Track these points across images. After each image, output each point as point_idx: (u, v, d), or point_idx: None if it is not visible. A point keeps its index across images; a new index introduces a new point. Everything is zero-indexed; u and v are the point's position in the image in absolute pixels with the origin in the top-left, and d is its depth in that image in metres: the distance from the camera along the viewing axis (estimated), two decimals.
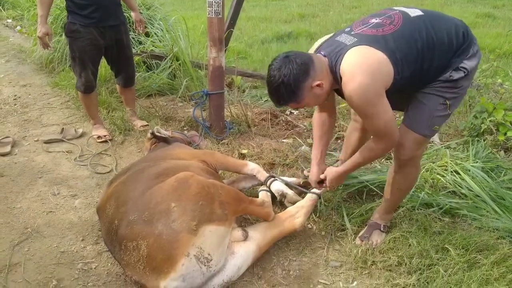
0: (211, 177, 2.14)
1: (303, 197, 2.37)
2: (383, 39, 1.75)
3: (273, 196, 2.46)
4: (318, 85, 1.79)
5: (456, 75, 1.81)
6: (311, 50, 1.98)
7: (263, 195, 2.38)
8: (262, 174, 2.54)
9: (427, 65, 1.80)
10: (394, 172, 2.10)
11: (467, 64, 1.81)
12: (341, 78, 1.77)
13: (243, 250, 1.96)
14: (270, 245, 2.13)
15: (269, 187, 2.47)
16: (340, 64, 1.75)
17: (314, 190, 2.37)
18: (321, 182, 2.30)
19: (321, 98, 1.89)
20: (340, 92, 1.89)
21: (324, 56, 1.84)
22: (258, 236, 2.05)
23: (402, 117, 2.03)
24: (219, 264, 1.82)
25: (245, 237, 1.99)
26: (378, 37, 1.76)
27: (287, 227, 2.18)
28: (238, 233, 1.98)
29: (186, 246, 1.72)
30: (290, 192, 2.43)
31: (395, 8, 1.91)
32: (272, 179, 2.50)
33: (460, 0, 11.38)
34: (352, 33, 1.82)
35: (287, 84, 1.74)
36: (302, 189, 2.46)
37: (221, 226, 1.83)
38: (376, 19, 1.84)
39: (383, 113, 1.76)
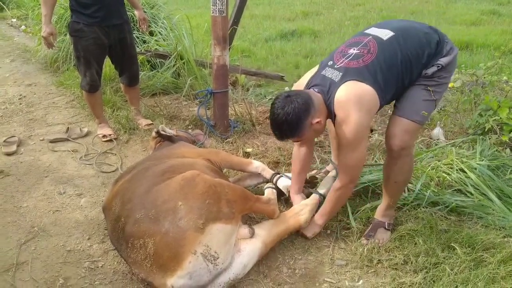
0: (216, 176, 2.15)
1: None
2: (366, 70, 1.91)
3: (279, 193, 2.47)
4: (317, 122, 1.95)
5: (430, 70, 1.96)
6: (301, 84, 2.15)
7: (269, 193, 2.39)
8: (267, 172, 2.54)
9: (408, 80, 1.99)
10: (389, 166, 2.15)
11: (442, 60, 1.97)
12: (335, 114, 1.94)
13: (249, 247, 1.96)
14: (275, 242, 2.14)
15: (275, 184, 2.48)
16: (333, 102, 1.91)
17: (318, 190, 2.42)
18: None
19: (319, 132, 2.08)
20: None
21: (318, 92, 1.99)
22: (264, 233, 2.06)
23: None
24: (225, 262, 1.83)
25: (252, 235, 2.00)
26: (361, 69, 1.91)
27: (292, 224, 2.19)
28: (244, 230, 1.99)
29: (193, 244, 1.72)
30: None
31: (367, 33, 2.06)
32: (278, 175, 2.51)
33: None
34: (335, 66, 1.98)
35: (290, 122, 1.90)
36: (310, 190, 2.49)
37: (228, 224, 1.83)
38: (354, 50, 1.99)
39: (362, 150, 1.97)
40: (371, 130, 3.64)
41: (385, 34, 2.00)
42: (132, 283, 2.01)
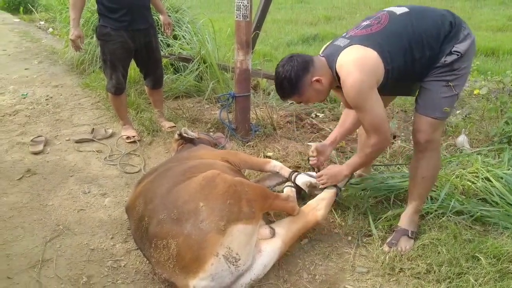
0: (236, 175, 2.16)
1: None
2: (372, 37, 1.97)
3: (298, 191, 2.48)
4: (317, 80, 2.04)
5: (449, 58, 1.96)
6: None
7: (288, 190, 2.40)
8: (285, 170, 2.55)
9: (419, 55, 1.98)
10: (416, 161, 2.18)
11: (459, 47, 1.96)
12: (338, 76, 1.99)
13: (270, 247, 1.97)
14: (294, 239, 2.13)
15: (294, 181, 2.48)
16: (336, 63, 1.98)
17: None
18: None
19: (322, 94, 2.13)
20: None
21: (323, 56, 2.10)
22: (283, 231, 2.05)
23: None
24: (247, 263, 1.84)
25: (273, 235, 2.00)
26: (368, 36, 1.99)
27: (310, 220, 2.17)
28: (265, 231, 1.99)
29: (214, 246, 1.74)
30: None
31: (385, 9, 2.13)
32: (297, 173, 2.51)
33: (492, 2, 11.09)
34: (346, 36, 2.08)
35: (289, 78, 2.02)
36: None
37: (249, 225, 1.84)
38: (366, 22, 2.08)
39: (374, 107, 1.96)
40: (394, 137, 3.60)
41: (400, 10, 2.06)
42: (154, 283, 2.04)
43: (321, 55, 2.12)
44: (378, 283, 2.03)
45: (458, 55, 1.95)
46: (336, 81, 2.06)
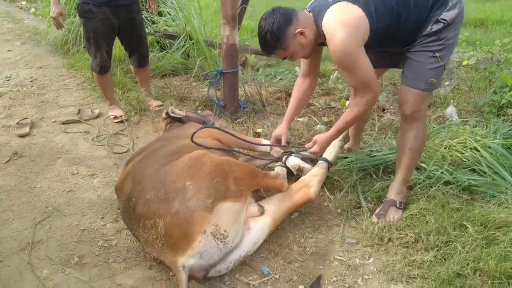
0: (224, 155, 2.15)
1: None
2: None
3: (289, 172, 2.46)
4: (300, 33, 1.99)
5: (436, 27, 1.93)
6: None
7: (278, 169, 2.39)
8: (277, 151, 2.53)
9: (404, 19, 1.94)
10: (403, 132, 2.18)
11: (446, 15, 1.92)
12: (324, 34, 1.94)
13: (259, 224, 1.97)
14: (285, 216, 2.13)
15: (284, 163, 2.47)
16: (322, 20, 1.93)
17: (325, 157, 2.39)
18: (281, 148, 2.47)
19: (307, 47, 2.07)
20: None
21: (309, 11, 2.04)
22: (273, 208, 2.05)
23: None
24: (235, 240, 1.84)
25: (261, 212, 2.00)
26: None
27: (302, 197, 2.15)
28: (254, 208, 1.99)
29: (202, 223, 1.74)
30: (307, 166, 2.43)
31: None
32: (287, 155, 2.50)
33: None
34: None
35: (272, 32, 1.97)
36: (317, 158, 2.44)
37: (237, 202, 1.84)
38: None
39: (362, 66, 1.93)
40: (383, 110, 3.60)
41: None
42: (145, 260, 2.05)
43: (308, 9, 2.06)
44: (367, 253, 2.05)
45: (444, 23, 1.92)
46: (321, 37, 2.02)
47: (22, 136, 3.35)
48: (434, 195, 2.26)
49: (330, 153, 2.45)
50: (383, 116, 3.46)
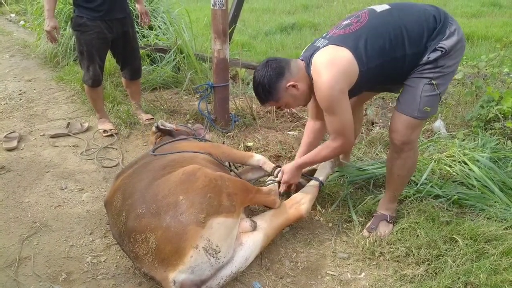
0: (217, 169, 2.15)
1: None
2: (349, 37, 1.90)
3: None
4: (292, 86, 1.98)
5: (433, 55, 1.88)
6: None
7: (271, 186, 2.39)
8: (269, 165, 2.53)
9: (401, 53, 1.90)
10: (392, 160, 2.14)
11: (445, 43, 1.87)
12: (311, 76, 1.94)
13: (251, 240, 1.97)
14: (277, 233, 2.14)
15: (276, 177, 2.47)
16: (311, 65, 1.93)
17: (317, 176, 2.41)
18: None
19: (300, 98, 2.06)
20: None
21: (302, 60, 2.03)
22: (265, 225, 2.05)
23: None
24: (227, 255, 1.83)
25: (254, 228, 1.99)
26: (345, 36, 1.91)
27: (293, 214, 2.18)
28: (246, 224, 1.99)
29: (194, 238, 1.72)
30: (300, 180, 2.43)
31: (366, 8, 2.04)
32: (279, 168, 2.50)
33: None
34: (326, 37, 2.00)
35: (263, 85, 1.98)
36: (308, 176, 2.47)
37: (229, 218, 1.83)
38: (347, 21, 2.01)
39: (341, 112, 1.91)
40: (372, 123, 3.63)
41: (381, 7, 1.99)
42: (135, 277, 2.02)
43: (301, 57, 2.05)
44: (359, 268, 2.05)
45: (442, 51, 1.86)
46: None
47: (9, 150, 3.31)
48: (424, 209, 2.28)
49: (321, 173, 2.47)
50: (372, 130, 3.48)
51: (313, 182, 2.37)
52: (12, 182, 2.86)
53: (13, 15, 9.79)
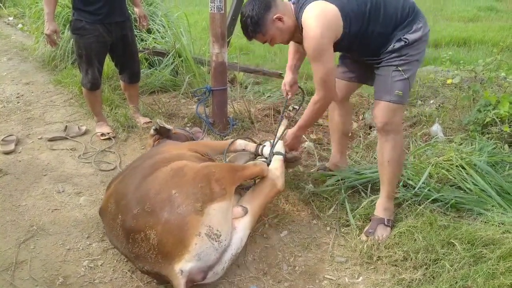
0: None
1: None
2: None
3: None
4: (279, 19, 2.11)
5: (398, 44, 2.10)
6: None
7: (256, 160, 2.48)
8: (251, 146, 2.63)
9: (372, 28, 2.10)
10: (380, 145, 2.28)
11: (409, 36, 2.09)
12: (301, 28, 2.09)
13: (242, 223, 2.02)
14: (261, 211, 2.22)
15: (262, 154, 2.54)
16: (302, 15, 2.06)
17: (277, 151, 2.46)
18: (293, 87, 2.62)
19: (285, 34, 2.18)
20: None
21: (293, 3, 2.17)
22: (249, 206, 2.11)
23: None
24: (228, 238, 1.89)
25: (245, 212, 2.05)
26: None
27: (272, 191, 2.24)
28: (238, 209, 2.05)
29: (196, 226, 1.78)
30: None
31: None
32: (262, 145, 2.57)
33: None
34: None
35: (251, 17, 2.10)
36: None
37: (223, 201, 1.90)
38: None
39: (326, 62, 2.06)
40: (370, 127, 3.63)
41: None
42: (132, 281, 2.01)
43: (292, 0, 2.18)
44: (357, 272, 2.05)
45: (405, 42, 2.07)
46: (299, 30, 2.13)
47: (7, 153, 3.30)
48: (422, 212, 2.28)
49: (280, 146, 2.51)
50: (370, 134, 3.49)
51: (276, 157, 2.42)
52: (9, 185, 2.85)
53: (11, 18, 9.78)
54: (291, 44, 2.53)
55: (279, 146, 2.50)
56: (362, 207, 2.42)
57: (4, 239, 2.30)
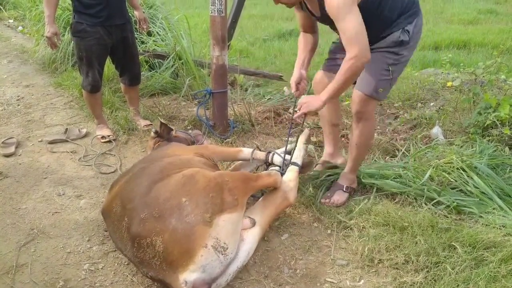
0: (213, 170, 2.19)
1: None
2: None
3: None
4: None
5: (403, 37, 2.16)
6: None
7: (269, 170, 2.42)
8: (260, 154, 2.58)
9: (382, 8, 2.13)
10: (352, 129, 2.43)
11: (409, 28, 2.16)
12: None
13: (250, 234, 2.00)
14: (271, 223, 2.21)
15: (272, 162, 2.52)
16: None
17: (294, 161, 2.41)
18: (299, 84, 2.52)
19: None
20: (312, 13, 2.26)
21: None
22: (258, 218, 2.09)
23: None
24: (234, 251, 1.86)
25: (253, 224, 2.03)
26: None
27: (282, 203, 2.21)
28: (246, 220, 2.02)
29: (203, 237, 1.75)
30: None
31: None
32: (271, 153, 2.54)
33: None
34: None
35: None
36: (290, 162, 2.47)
37: (234, 213, 1.87)
38: None
39: (354, 19, 1.98)
40: None
41: None
42: (133, 284, 2.00)
43: None
44: (358, 275, 2.05)
45: (408, 32, 2.15)
46: None
47: (7, 156, 3.30)
48: (423, 215, 2.28)
49: (298, 156, 2.46)
50: None
51: (292, 168, 2.37)
52: (10, 188, 2.85)
53: (11, 21, 9.79)
54: (301, 36, 2.55)
55: (297, 156, 2.44)
56: (361, 208, 2.41)
57: (4, 242, 2.30)
